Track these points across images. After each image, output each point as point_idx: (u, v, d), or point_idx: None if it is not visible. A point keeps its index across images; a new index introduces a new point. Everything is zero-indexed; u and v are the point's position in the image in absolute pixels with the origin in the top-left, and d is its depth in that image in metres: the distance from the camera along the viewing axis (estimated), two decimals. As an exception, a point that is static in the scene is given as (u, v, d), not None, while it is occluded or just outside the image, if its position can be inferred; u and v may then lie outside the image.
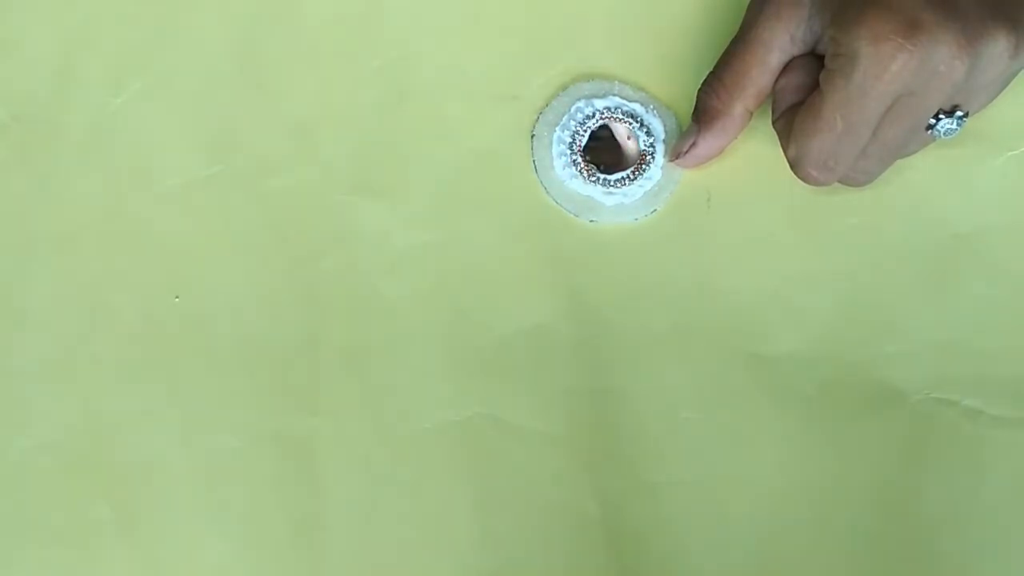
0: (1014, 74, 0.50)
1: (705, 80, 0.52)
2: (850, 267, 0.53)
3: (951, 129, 0.49)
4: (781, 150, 0.51)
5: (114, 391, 0.52)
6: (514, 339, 0.53)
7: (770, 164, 0.53)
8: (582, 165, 0.54)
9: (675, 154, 0.53)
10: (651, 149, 0.54)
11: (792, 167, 0.51)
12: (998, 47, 0.47)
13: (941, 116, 0.49)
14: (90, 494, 0.52)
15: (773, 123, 0.52)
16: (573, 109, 0.54)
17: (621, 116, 0.54)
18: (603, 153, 0.55)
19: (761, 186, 0.54)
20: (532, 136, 0.55)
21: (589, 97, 0.54)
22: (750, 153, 0.54)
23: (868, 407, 0.52)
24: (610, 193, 0.54)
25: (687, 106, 0.53)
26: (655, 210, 0.54)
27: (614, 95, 0.55)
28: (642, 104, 0.55)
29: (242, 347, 0.53)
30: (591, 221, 0.54)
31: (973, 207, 0.53)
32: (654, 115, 0.54)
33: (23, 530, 0.52)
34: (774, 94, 0.51)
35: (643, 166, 0.54)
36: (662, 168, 0.54)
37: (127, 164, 0.55)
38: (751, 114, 0.52)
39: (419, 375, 0.52)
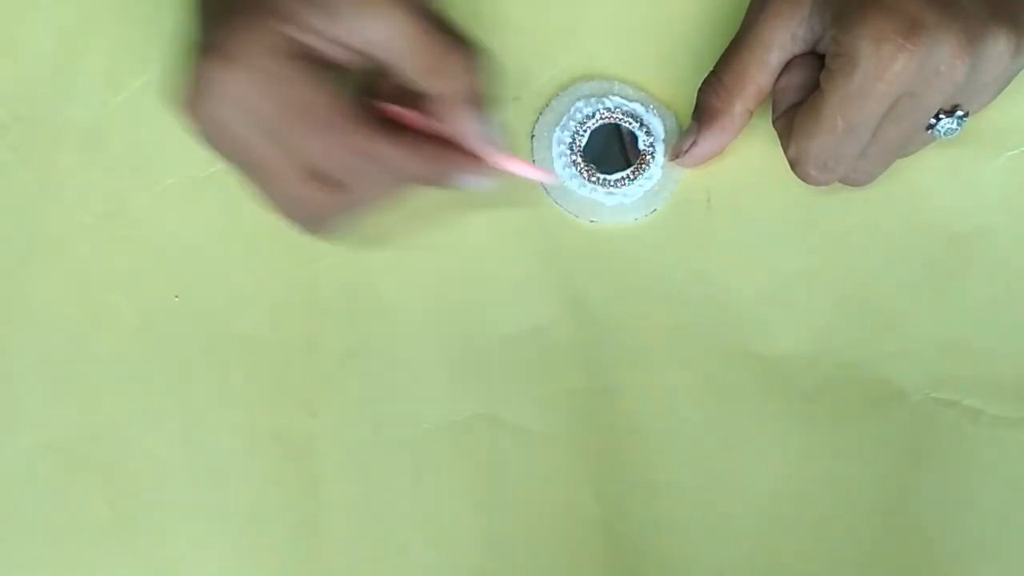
0: (1015, 74, 0.50)
1: (705, 79, 0.52)
2: (850, 267, 0.53)
3: (951, 129, 0.49)
4: (781, 150, 0.51)
5: (114, 391, 0.52)
6: (514, 339, 0.53)
7: (770, 164, 0.53)
8: (582, 165, 0.54)
9: (675, 153, 0.53)
10: (651, 149, 0.54)
11: (792, 167, 0.51)
12: (999, 47, 0.47)
13: (941, 116, 0.49)
14: (90, 494, 0.52)
15: (773, 123, 0.52)
16: (573, 109, 0.54)
17: (621, 116, 0.54)
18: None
19: (761, 186, 0.54)
20: (532, 136, 0.55)
21: (589, 97, 0.54)
22: (750, 153, 0.54)
23: (868, 407, 0.52)
24: (610, 193, 0.54)
25: (687, 106, 0.53)
26: (655, 210, 0.54)
27: (614, 95, 0.55)
28: (642, 104, 0.55)
29: (242, 347, 0.53)
30: (591, 221, 0.54)
31: (973, 207, 0.53)
32: (654, 115, 0.54)
33: (23, 530, 0.52)
34: (774, 93, 0.51)
35: (643, 166, 0.54)
36: (662, 168, 0.54)
37: (127, 163, 0.55)
38: (751, 113, 0.52)
39: (419, 375, 0.52)
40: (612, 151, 0.55)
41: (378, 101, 0.48)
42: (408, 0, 0.46)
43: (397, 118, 0.48)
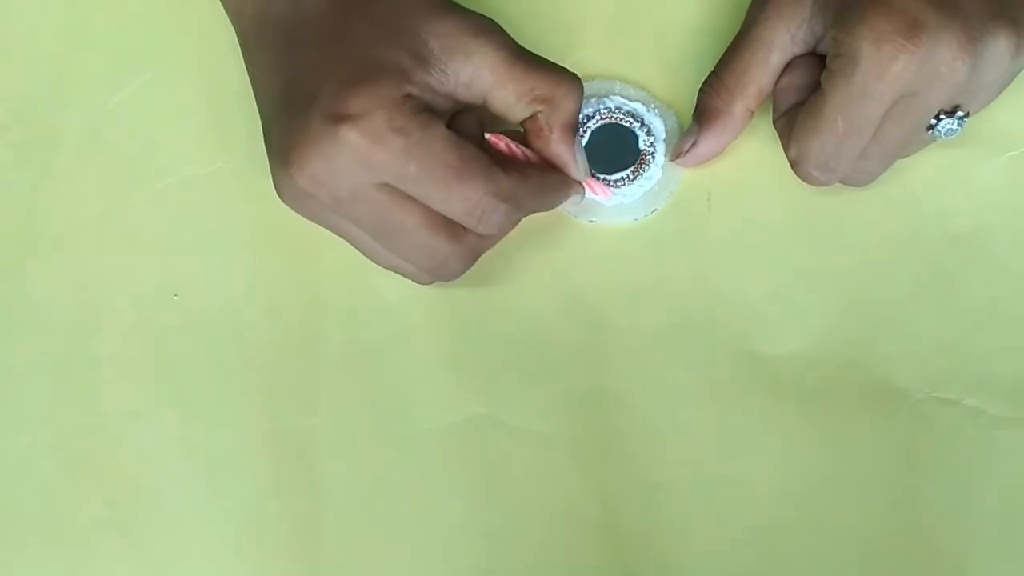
0: (1015, 74, 0.50)
1: (706, 80, 0.52)
2: (850, 267, 0.53)
3: (952, 129, 0.49)
4: (782, 150, 0.51)
5: (114, 391, 0.52)
6: (514, 339, 0.53)
7: (771, 164, 0.53)
8: (582, 164, 0.54)
9: (676, 153, 0.53)
10: (651, 149, 0.54)
11: (793, 167, 0.51)
12: (999, 47, 0.47)
13: (942, 116, 0.49)
14: (89, 494, 0.52)
15: (774, 123, 0.52)
16: (573, 108, 0.54)
17: (622, 116, 0.54)
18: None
19: (761, 186, 0.54)
20: (532, 135, 0.54)
21: (590, 97, 0.54)
22: (751, 153, 0.54)
23: (868, 406, 0.52)
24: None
25: (688, 106, 0.53)
26: (655, 210, 0.54)
27: (615, 95, 0.55)
28: (643, 104, 0.55)
29: (242, 347, 0.53)
30: (591, 221, 0.54)
31: (973, 207, 0.53)
32: (655, 115, 0.54)
33: (23, 530, 0.51)
34: (775, 94, 0.51)
35: (643, 166, 0.54)
36: (662, 168, 0.54)
37: (126, 162, 0.55)
38: (752, 114, 0.52)
39: (419, 375, 0.52)
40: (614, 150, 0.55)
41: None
42: (495, 36, 0.47)
43: (495, 148, 0.50)
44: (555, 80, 0.48)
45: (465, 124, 0.48)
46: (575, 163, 0.50)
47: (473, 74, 0.47)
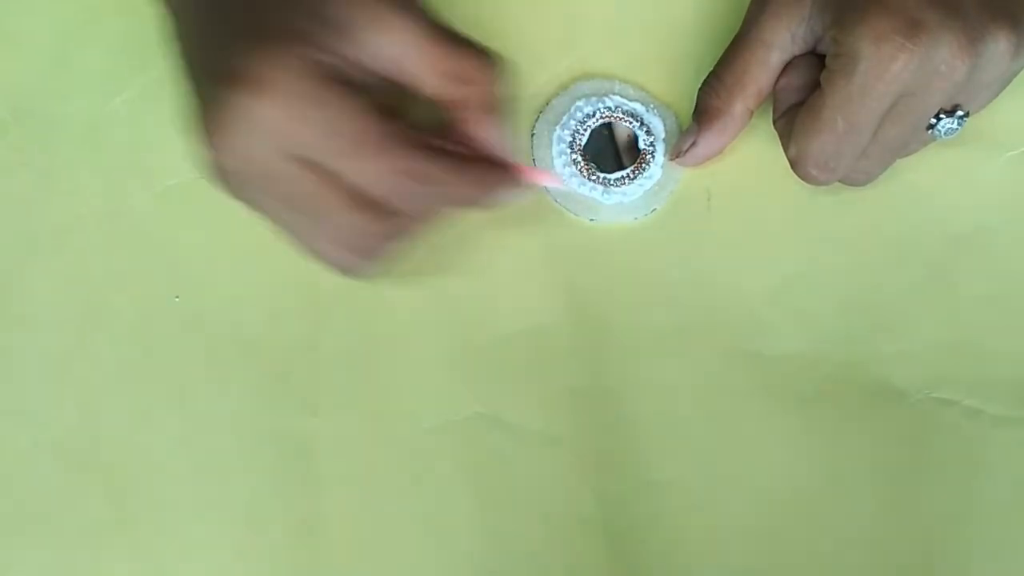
0: (1015, 74, 0.50)
1: (706, 79, 0.52)
2: (850, 267, 0.53)
3: (952, 129, 0.49)
4: (782, 150, 0.51)
5: (114, 391, 0.52)
6: (514, 339, 0.53)
7: (770, 164, 0.53)
8: (582, 164, 0.54)
9: (675, 153, 0.53)
10: (651, 148, 0.54)
11: (793, 167, 0.51)
12: (999, 47, 0.47)
13: (942, 116, 0.49)
14: (90, 493, 0.52)
15: (774, 123, 0.52)
16: (573, 108, 0.54)
17: (621, 115, 0.54)
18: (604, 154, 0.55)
19: (761, 186, 0.54)
20: (532, 135, 0.55)
21: (589, 96, 0.54)
22: (750, 152, 0.54)
23: (868, 407, 0.52)
24: (609, 192, 0.54)
25: (688, 105, 0.53)
26: (655, 209, 0.54)
27: (614, 94, 0.55)
28: (642, 103, 0.55)
29: (242, 347, 0.53)
30: (591, 220, 0.54)
31: (973, 207, 0.53)
32: (654, 114, 0.54)
33: (23, 529, 0.52)
34: (775, 93, 0.51)
35: (643, 165, 0.54)
36: (662, 167, 0.54)
37: (127, 163, 0.55)
38: (751, 113, 0.52)
39: (419, 375, 0.52)
40: (608, 151, 0.55)
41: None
42: (412, 11, 0.44)
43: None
44: (475, 58, 0.45)
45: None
46: (499, 146, 0.46)
47: (387, 46, 0.44)
